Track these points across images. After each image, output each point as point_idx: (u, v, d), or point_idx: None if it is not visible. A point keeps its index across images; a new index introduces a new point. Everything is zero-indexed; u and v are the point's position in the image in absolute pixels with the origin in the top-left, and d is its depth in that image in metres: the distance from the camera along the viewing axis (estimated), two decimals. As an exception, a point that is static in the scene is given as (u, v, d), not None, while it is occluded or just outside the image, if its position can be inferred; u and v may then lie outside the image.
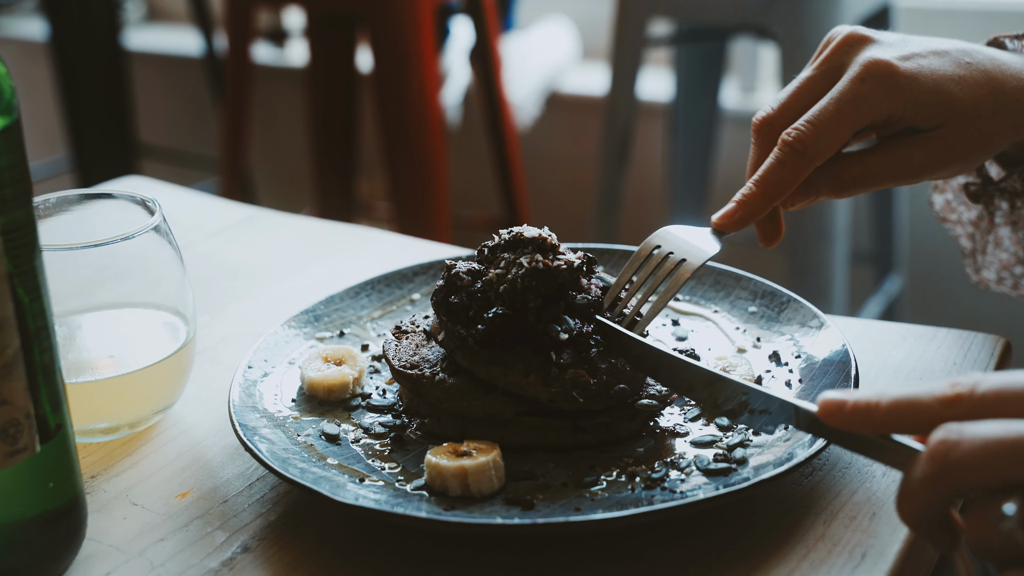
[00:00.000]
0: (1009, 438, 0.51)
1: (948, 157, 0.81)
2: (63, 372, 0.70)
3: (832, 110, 0.78)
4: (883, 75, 0.78)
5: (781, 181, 0.79)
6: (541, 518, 0.69)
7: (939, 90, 0.79)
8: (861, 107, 0.78)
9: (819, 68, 0.82)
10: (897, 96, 0.78)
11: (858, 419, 0.59)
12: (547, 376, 0.76)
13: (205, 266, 1.15)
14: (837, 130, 0.78)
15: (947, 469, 0.52)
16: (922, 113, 0.79)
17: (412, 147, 2.40)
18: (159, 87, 3.60)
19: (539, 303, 0.77)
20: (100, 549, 0.73)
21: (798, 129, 0.79)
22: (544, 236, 0.80)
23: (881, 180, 0.81)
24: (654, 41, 2.41)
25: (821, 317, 0.87)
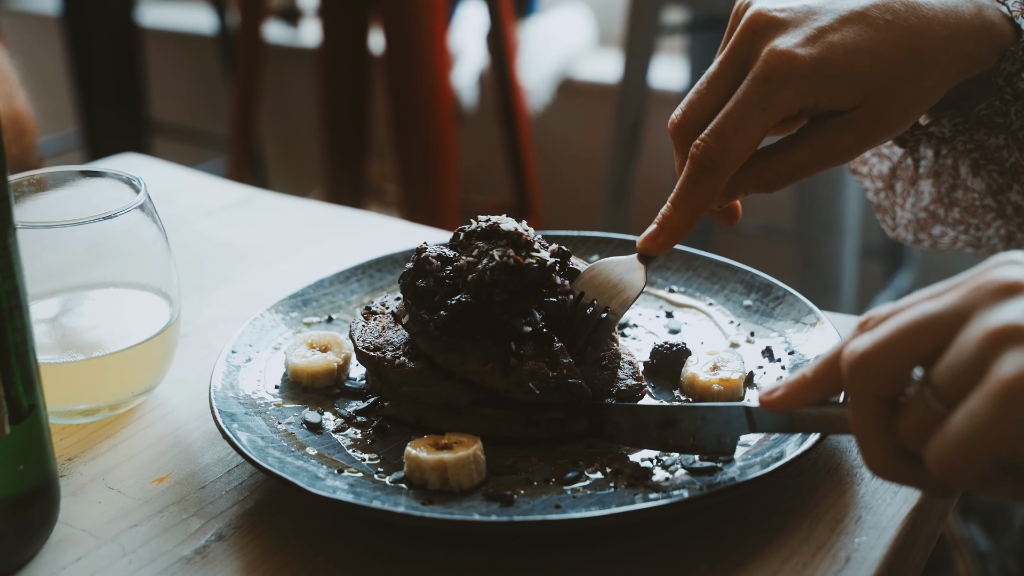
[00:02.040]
0: (903, 321, 0.54)
1: (874, 132, 0.75)
2: (37, 352, 0.69)
3: (736, 116, 0.73)
4: (785, 70, 0.72)
5: (697, 199, 0.76)
6: (519, 515, 0.67)
7: (852, 70, 0.73)
8: (767, 109, 0.72)
9: (724, 62, 0.76)
10: (804, 89, 0.72)
11: (794, 395, 0.61)
12: (505, 366, 0.74)
13: (199, 246, 1.13)
14: (745, 137, 0.73)
15: (858, 369, 0.55)
16: (836, 99, 0.74)
17: (422, 130, 2.38)
18: (172, 64, 3.58)
19: (505, 298, 0.75)
20: (72, 534, 0.72)
21: (704, 142, 0.74)
22: (521, 231, 0.78)
23: (809, 169, 0.76)
24: (668, 29, 2.39)
25: (816, 313, 0.85)
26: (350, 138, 2.57)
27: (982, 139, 0.84)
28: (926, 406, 0.53)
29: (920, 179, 0.93)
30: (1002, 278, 0.53)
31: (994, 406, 0.49)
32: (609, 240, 0.98)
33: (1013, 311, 0.51)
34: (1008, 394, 0.49)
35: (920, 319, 0.54)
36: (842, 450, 0.76)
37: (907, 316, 0.54)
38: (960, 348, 0.52)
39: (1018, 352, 0.49)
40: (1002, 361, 0.50)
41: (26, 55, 3.69)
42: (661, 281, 0.95)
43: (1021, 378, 0.49)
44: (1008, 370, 0.49)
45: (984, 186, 0.88)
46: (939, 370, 0.52)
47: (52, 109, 3.59)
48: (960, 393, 0.51)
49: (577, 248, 0.98)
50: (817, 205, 2.28)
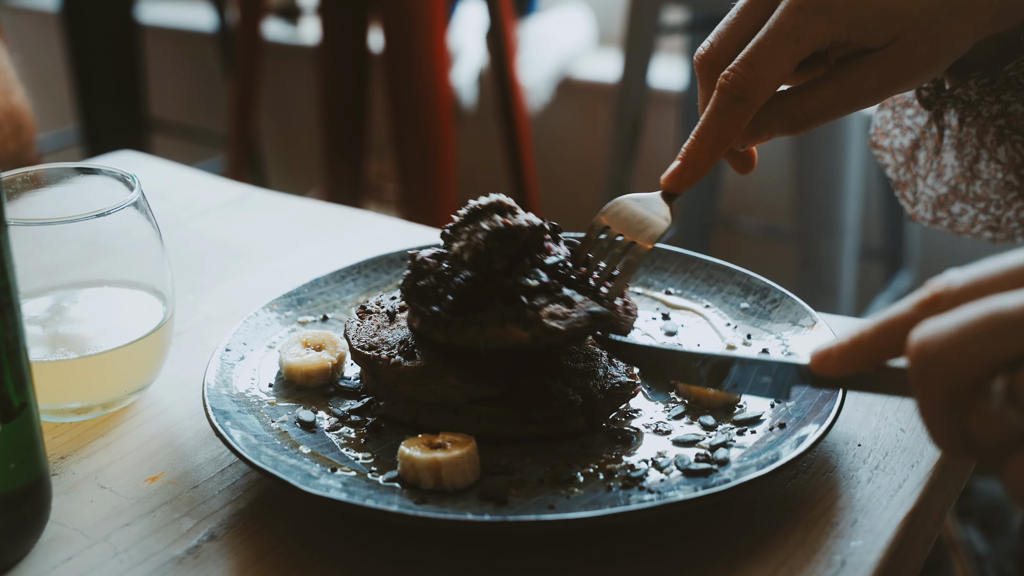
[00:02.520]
0: (981, 317, 0.49)
1: (903, 74, 0.75)
2: (29, 350, 0.68)
3: (768, 46, 0.73)
4: (819, 1, 0.72)
5: (723, 130, 0.75)
6: (513, 515, 0.67)
7: (884, 6, 0.72)
8: (800, 39, 0.72)
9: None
10: (837, 21, 0.72)
11: (849, 359, 0.57)
12: (524, 320, 0.73)
13: (194, 244, 1.13)
14: (776, 67, 0.73)
15: (928, 366, 0.50)
16: (869, 33, 0.73)
17: (421, 129, 2.38)
18: (171, 62, 3.58)
19: (505, 264, 0.75)
20: (64, 533, 0.72)
21: (734, 71, 0.73)
22: (501, 200, 0.78)
23: (837, 110, 0.76)
24: (668, 28, 2.39)
25: (813, 316, 0.85)
26: (349, 136, 2.57)
27: (1008, 100, 0.83)
28: (1006, 420, 0.49)
29: (944, 151, 0.92)
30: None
31: None
32: (606, 240, 0.98)
33: None
34: None
35: (1000, 319, 0.49)
36: (838, 453, 0.76)
37: (984, 311, 0.49)
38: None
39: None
40: None
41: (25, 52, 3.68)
42: (658, 283, 0.95)
43: None
44: None
45: (1007, 159, 0.88)
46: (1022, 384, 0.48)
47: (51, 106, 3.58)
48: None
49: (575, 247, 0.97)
50: (816, 206, 2.27)
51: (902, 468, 0.75)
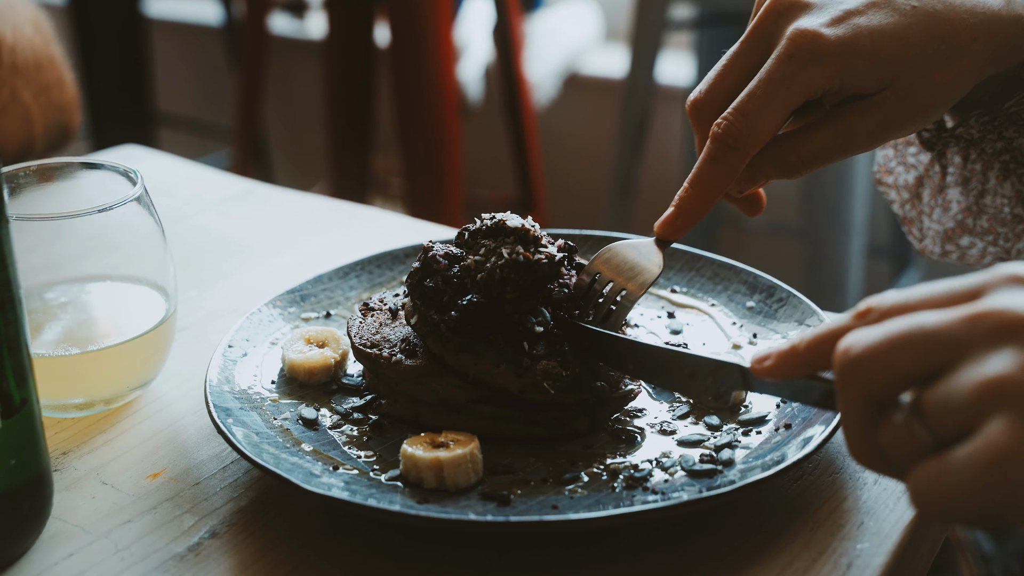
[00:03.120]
0: (902, 330, 0.52)
1: (900, 119, 0.74)
2: (32, 345, 0.68)
3: (760, 95, 0.72)
4: (810, 49, 0.71)
5: (716, 178, 0.74)
6: (516, 515, 0.66)
7: (877, 52, 0.71)
8: (792, 88, 0.71)
9: (747, 40, 0.75)
10: (829, 69, 0.71)
11: (785, 364, 0.60)
12: (518, 367, 0.73)
13: (197, 239, 1.13)
14: (768, 116, 0.72)
15: (852, 371, 0.53)
16: (861, 80, 0.72)
17: (427, 124, 2.37)
18: (178, 56, 3.58)
19: (516, 295, 0.75)
20: (65, 529, 0.72)
21: (727, 120, 0.72)
22: (527, 227, 0.77)
23: (832, 155, 0.75)
24: (675, 24, 2.38)
25: (820, 315, 0.84)
26: (355, 131, 2.56)
27: (1011, 137, 0.82)
28: (912, 431, 0.52)
29: (948, 187, 0.91)
30: (1001, 317, 0.50)
31: (981, 471, 0.48)
32: (611, 239, 0.97)
33: (1007, 362, 0.49)
34: (996, 461, 0.48)
35: (918, 334, 0.52)
36: (845, 454, 0.76)
37: (906, 326, 0.52)
38: (953, 390, 0.50)
39: (1008, 415, 0.48)
40: (992, 423, 0.48)
41: (32, 45, 3.68)
42: (663, 281, 0.94)
43: (1009, 446, 0.48)
44: (996, 436, 0.48)
45: (1014, 192, 0.86)
46: (930, 402, 0.51)
47: (57, 99, 3.57)
48: (948, 432, 0.50)
49: (580, 246, 0.97)
50: (824, 203, 2.26)
51: (908, 470, 0.74)
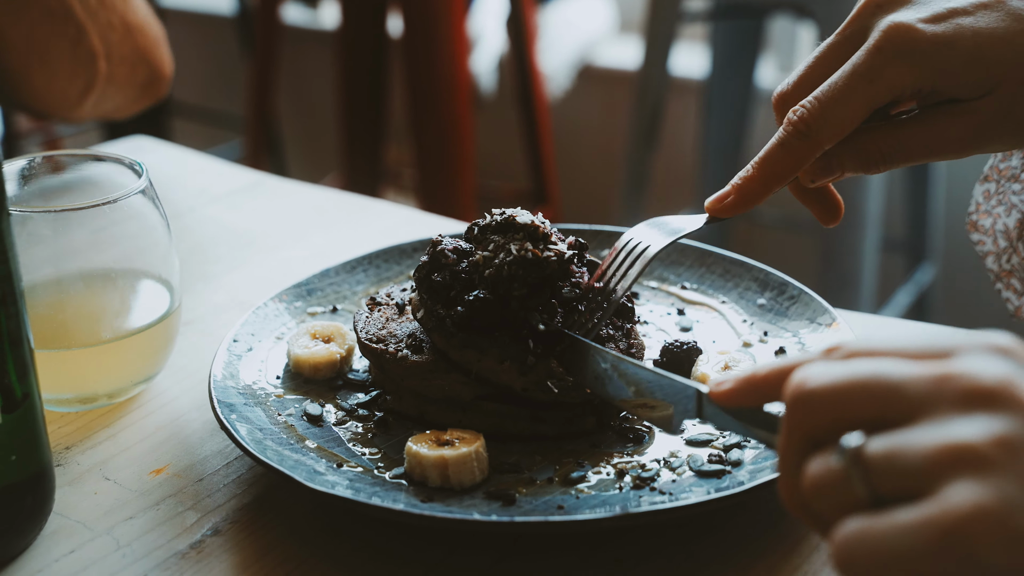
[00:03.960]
0: (863, 374, 0.48)
1: (998, 130, 0.68)
2: (34, 339, 0.67)
3: (841, 86, 0.68)
4: (902, 43, 0.66)
5: (782, 165, 0.70)
6: (520, 515, 0.65)
7: (979, 56, 0.66)
8: (876, 82, 0.67)
9: (841, 33, 0.71)
10: (922, 67, 0.66)
11: (741, 390, 0.56)
12: (522, 365, 0.72)
13: (204, 232, 1.12)
14: (847, 109, 0.68)
15: (801, 402, 0.49)
16: (958, 83, 0.67)
17: (439, 115, 2.36)
18: (191, 46, 3.57)
19: (523, 292, 0.74)
20: (67, 525, 0.71)
21: (804, 106, 0.69)
22: (537, 224, 0.76)
23: (916, 155, 0.70)
24: (690, 16, 2.36)
25: (832, 313, 0.83)
26: (367, 122, 2.55)
27: None
28: (848, 482, 0.46)
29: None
30: (973, 381, 0.45)
31: (932, 540, 0.43)
32: (621, 234, 0.96)
33: (973, 429, 0.44)
34: (951, 532, 0.42)
35: (878, 381, 0.47)
36: (855, 454, 0.74)
37: (868, 369, 0.48)
38: (909, 446, 0.45)
39: (970, 483, 0.43)
40: (952, 489, 0.43)
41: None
42: (673, 277, 0.93)
43: (969, 518, 0.42)
44: (958, 504, 0.43)
45: None
46: (877, 454, 0.46)
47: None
48: (892, 491, 0.45)
49: (589, 242, 0.96)
50: (838, 197, 2.24)
51: (920, 471, 0.73)
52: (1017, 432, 0.44)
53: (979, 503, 0.42)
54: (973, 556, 0.42)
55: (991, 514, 0.42)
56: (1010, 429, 0.44)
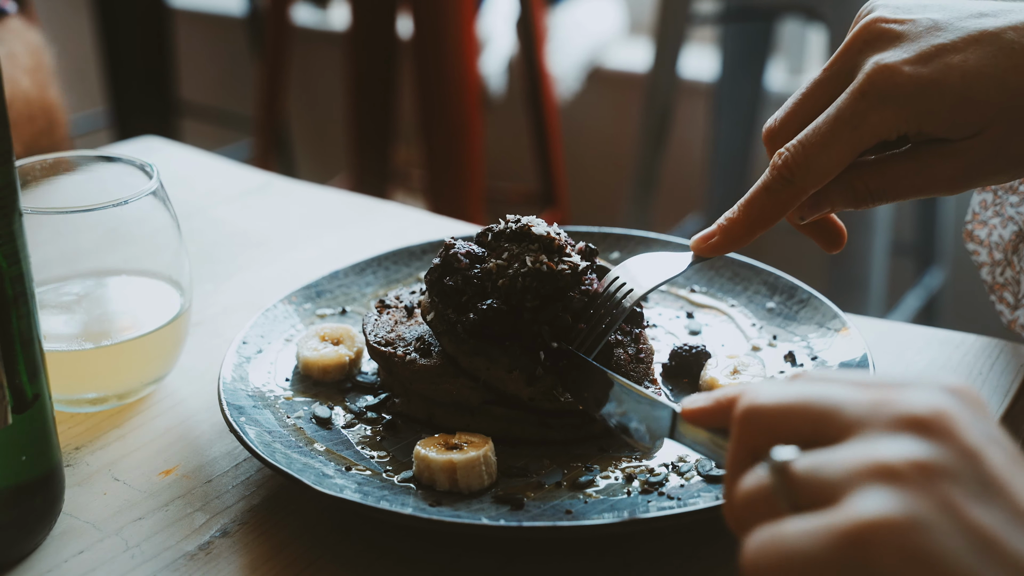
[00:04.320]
0: (808, 394, 0.48)
1: (990, 170, 0.67)
2: (45, 339, 0.68)
3: (825, 131, 0.66)
4: (886, 88, 0.64)
5: (767, 209, 0.69)
6: (528, 520, 0.65)
7: (967, 97, 0.64)
8: (860, 128, 0.65)
9: (829, 69, 0.69)
10: (905, 111, 0.64)
11: (705, 411, 0.55)
12: (531, 376, 0.72)
13: (213, 233, 1.12)
14: (831, 155, 0.66)
15: (744, 417, 0.49)
16: (946, 126, 0.65)
17: (448, 117, 2.36)
18: (201, 46, 3.58)
19: (536, 303, 0.74)
20: (76, 525, 0.71)
21: (788, 151, 0.67)
22: (553, 235, 0.76)
23: (905, 193, 0.69)
24: (700, 19, 2.36)
25: (842, 317, 0.83)
26: (377, 123, 2.56)
27: None
28: (774, 494, 0.46)
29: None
30: (909, 408, 0.45)
31: (835, 543, 0.42)
32: (630, 237, 0.96)
33: (896, 449, 0.44)
34: (855, 536, 0.41)
35: (819, 401, 0.47)
36: (864, 460, 0.74)
37: (814, 392, 0.48)
38: (832, 460, 0.45)
39: (881, 492, 0.42)
40: (861, 496, 0.43)
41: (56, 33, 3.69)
42: (682, 280, 0.93)
43: (874, 525, 0.41)
44: (864, 510, 0.42)
45: None
46: (803, 467, 0.46)
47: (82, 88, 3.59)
48: (810, 503, 0.45)
49: (598, 245, 0.96)
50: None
51: (929, 477, 0.73)
52: (939, 460, 0.43)
53: (884, 513, 0.42)
54: (869, 566, 0.41)
55: (895, 527, 0.41)
56: (932, 456, 0.43)
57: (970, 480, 0.43)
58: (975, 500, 0.42)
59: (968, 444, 0.44)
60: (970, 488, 0.42)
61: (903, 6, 0.69)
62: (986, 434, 0.45)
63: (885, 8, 0.69)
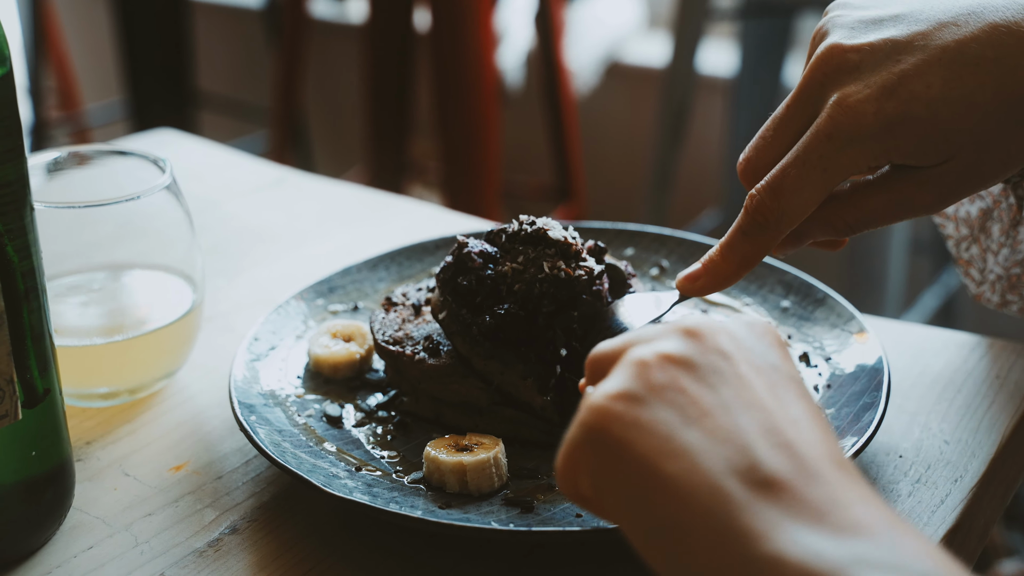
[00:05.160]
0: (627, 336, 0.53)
1: (962, 189, 0.65)
2: (58, 334, 0.68)
3: (794, 175, 0.64)
4: (851, 129, 0.62)
5: (746, 252, 0.68)
6: (538, 524, 0.65)
7: (934, 124, 0.62)
8: (829, 170, 0.63)
9: (792, 105, 0.66)
10: (873, 149, 0.63)
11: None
12: (544, 385, 0.72)
13: (227, 228, 1.12)
14: (802, 197, 0.65)
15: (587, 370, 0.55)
16: (915, 158, 0.63)
17: (465, 110, 2.36)
18: (219, 37, 3.58)
19: (552, 309, 0.73)
20: (86, 520, 0.71)
21: (759, 195, 0.66)
22: (570, 241, 0.75)
23: (883, 220, 0.67)
24: (718, 13, 2.35)
25: (858, 319, 0.82)
26: (393, 116, 2.55)
27: None
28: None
29: (1021, 226, 0.80)
30: (687, 322, 0.52)
31: (581, 421, 0.49)
32: (644, 234, 0.95)
33: (654, 346, 0.50)
34: (590, 412, 0.49)
35: (633, 336, 0.53)
36: (879, 464, 0.74)
37: (636, 332, 0.54)
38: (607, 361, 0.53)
39: (618, 375, 0.50)
40: (604, 381, 0.50)
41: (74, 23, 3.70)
42: (697, 279, 0.92)
43: (604, 399, 0.49)
44: (598, 391, 0.49)
45: None
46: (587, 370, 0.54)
47: (100, 78, 3.60)
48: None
49: (611, 241, 0.95)
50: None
51: (945, 482, 0.72)
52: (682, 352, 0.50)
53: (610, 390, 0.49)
54: (603, 435, 0.48)
55: (617, 399, 0.48)
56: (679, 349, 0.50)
57: (706, 371, 0.49)
58: (701, 384, 0.49)
59: (718, 346, 0.50)
60: (700, 375, 0.49)
61: (860, 23, 0.65)
62: (752, 350, 0.51)
63: (841, 31, 0.65)
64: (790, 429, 0.47)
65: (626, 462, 0.47)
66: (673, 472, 0.46)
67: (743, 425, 0.47)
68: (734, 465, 0.46)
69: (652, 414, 0.47)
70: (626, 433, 0.47)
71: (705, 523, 0.44)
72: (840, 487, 0.45)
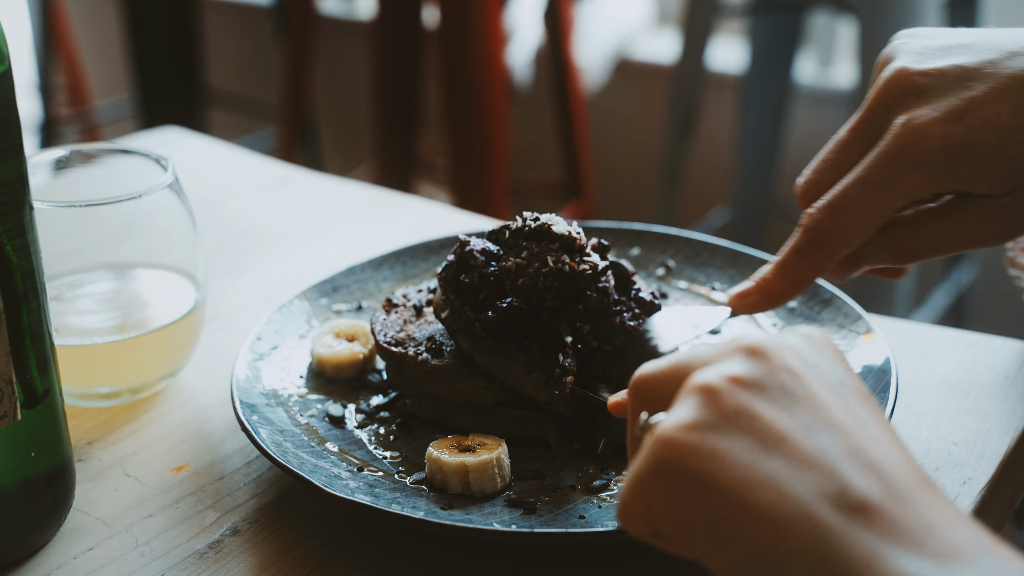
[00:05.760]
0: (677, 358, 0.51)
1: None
2: (58, 333, 0.67)
3: (854, 195, 0.64)
4: (917, 152, 0.61)
5: (801, 272, 0.67)
6: (541, 526, 0.64)
7: (1002, 156, 0.60)
8: (891, 193, 0.63)
9: (857, 128, 0.66)
10: (938, 175, 0.62)
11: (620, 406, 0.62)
12: (549, 378, 0.71)
13: (233, 226, 1.11)
14: (862, 218, 0.64)
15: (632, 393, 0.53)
16: (980, 185, 0.62)
17: (474, 108, 2.35)
18: (228, 34, 3.58)
19: (556, 303, 0.72)
20: (86, 521, 0.71)
21: (818, 213, 0.65)
22: (574, 235, 0.74)
23: (944, 249, 0.67)
24: (728, 10, 2.34)
25: (865, 319, 0.81)
26: (402, 113, 2.55)
27: None
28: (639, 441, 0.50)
29: None
30: (747, 341, 0.49)
31: (650, 454, 0.47)
32: (651, 234, 0.95)
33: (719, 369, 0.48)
34: (660, 444, 0.46)
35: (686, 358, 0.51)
36: (885, 466, 0.73)
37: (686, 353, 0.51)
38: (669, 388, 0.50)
39: (686, 404, 0.47)
40: (672, 411, 0.48)
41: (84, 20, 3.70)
42: (703, 278, 0.92)
43: (673, 430, 0.46)
44: (667, 421, 0.47)
45: None
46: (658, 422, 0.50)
47: (108, 75, 3.60)
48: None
49: (618, 240, 0.94)
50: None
51: (953, 484, 0.71)
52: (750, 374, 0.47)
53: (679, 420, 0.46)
54: (677, 468, 0.45)
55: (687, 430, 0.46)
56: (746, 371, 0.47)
57: (778, 392, 0.47)
58: (775, 406, 0.46)
59: (785, 364, 0.48)
60: (773, 397, 0.46)
61: (928, 50, 0.65)
62: (818, 367, 0.48)
63: (909, 56, 0.65)
64: (872, 448, 0.45)
65: (709, 495, 0.45)
66: (760, 502, 0.44)
67: (825, 448, 0.45)
68: (823, 491, 0.43)
69: (729, 443, 0.45)
70: (704, 465, 0.45)
71: (801, 552, 0.42)
72: (932, 509, 0.43)
